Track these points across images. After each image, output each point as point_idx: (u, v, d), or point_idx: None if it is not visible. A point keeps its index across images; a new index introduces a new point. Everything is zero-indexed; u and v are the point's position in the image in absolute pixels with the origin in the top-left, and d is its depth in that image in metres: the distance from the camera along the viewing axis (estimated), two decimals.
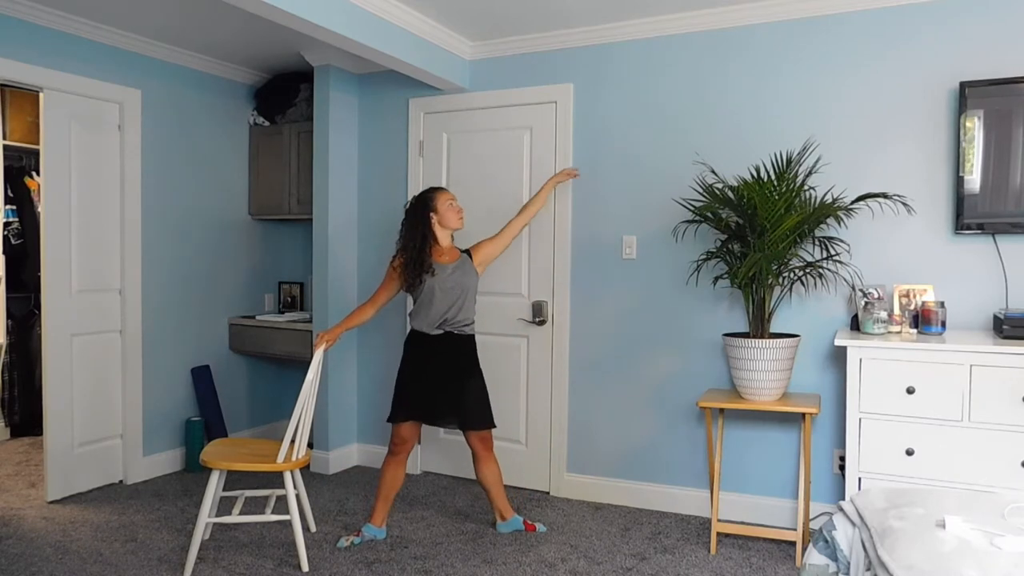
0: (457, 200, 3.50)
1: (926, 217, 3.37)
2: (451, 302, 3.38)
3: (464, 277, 3.43)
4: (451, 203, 3.45)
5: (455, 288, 3.39)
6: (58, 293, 3.94)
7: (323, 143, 4.46)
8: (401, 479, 3.47)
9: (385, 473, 3.45)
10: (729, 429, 3.74)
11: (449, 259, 3.44)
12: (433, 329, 3.39)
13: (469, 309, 3.47)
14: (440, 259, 3.42)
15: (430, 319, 3.39)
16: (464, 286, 3.42)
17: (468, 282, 3.44)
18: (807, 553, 2.24)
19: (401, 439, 3.41)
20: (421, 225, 3.41)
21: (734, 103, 3.71)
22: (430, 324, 3.39)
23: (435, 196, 3.45)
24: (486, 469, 3.50)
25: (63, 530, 3.55)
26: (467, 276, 3.45)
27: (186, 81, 4.56)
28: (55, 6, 3.70)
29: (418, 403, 3.39)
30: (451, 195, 3.49)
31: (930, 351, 2.89)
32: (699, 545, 3.45)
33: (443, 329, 3.40)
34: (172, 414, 4.55)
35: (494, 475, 3.51)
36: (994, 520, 1.98)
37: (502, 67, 4.22)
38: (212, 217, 4.78)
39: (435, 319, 3.38)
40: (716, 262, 3.55)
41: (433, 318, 3.38)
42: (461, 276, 3.42)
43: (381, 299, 3.47)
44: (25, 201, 5.21)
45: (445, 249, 3.47)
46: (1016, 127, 3.14)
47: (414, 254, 3.37)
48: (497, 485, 3.53)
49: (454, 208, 3.45)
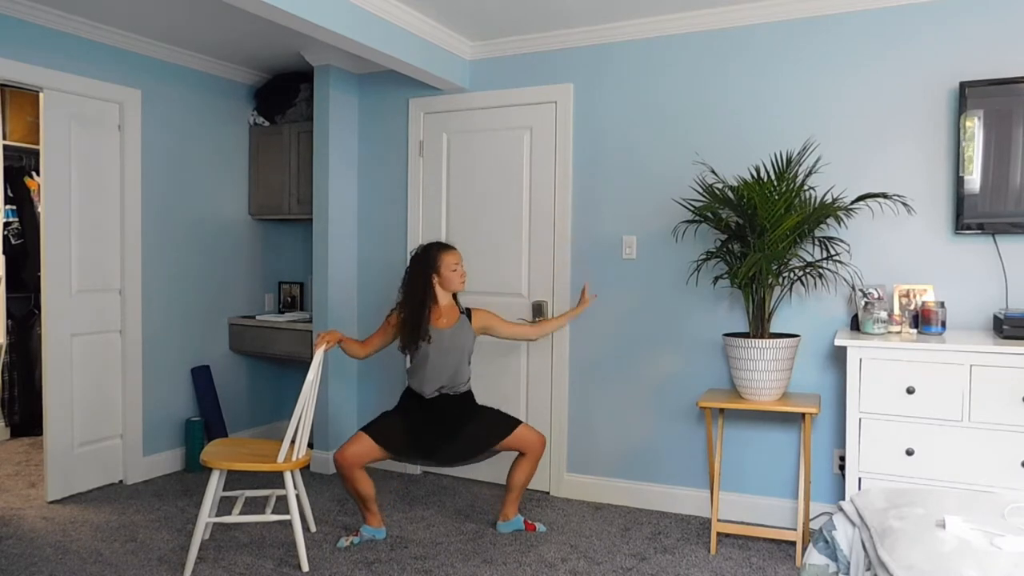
0: (463, 264, 3.49)
1: (926, 217, 3.37)
2: (447, 367, 3.40)
3: (461, 340, 3.43)
4: (455, 267, 3.42)
5: (452, 351, 3.40)
6: (58, 293, 3.94)
7: (323, 143, 4.46)
8: (368, 483, 3.36)
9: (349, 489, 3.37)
10: (729, 429, 3.74)
11: (447, 322, 3.43)
12: (430, 392, 3.41)
13: (464, 371, 3.48)
14: (437, 322, 3.42)
15: (427, 383, 3.40)
16: (460, 348, 3.43)
17: (464, 344, 3.45)
18: (807, 553, 2.24)
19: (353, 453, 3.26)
20: (422, 285, 3.40)
21: (734, 103, 3.71)
22: (426, 388, 3.41)
23: (439, 257, 3.42)
24: (523, 466, 3.46)
25: (63, 530, 3.55)
26: (464, 339, 3.45)
27: (186, 81, 4.56)
28: (55, 6, 3.70)
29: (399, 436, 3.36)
30: (456, 257, 3.46)
31: (930, 351, 2.89)
32: (699, 545, 3.45)
33: (439, 392, 3.42)
34: (172, 414, 4.55)
35: (524, 476, 3.49)
36: (994, 520, 1.98)
37: (502, 67, 4.22)
38: (212, 217, 4.78)
39: (431, 384, 3.40)
40: (716, 262, 3.55)
41: (429, 382, 3.40)
42: (458, 339, 3.42)
43: (374, 344, 3.51)
44: (25, 201, 5.21)
45: (444, 310, 3.46)
46: (1016, 127, 3.14)
47: (411, 318, 3.37)
48: (521, 487, 3.52)
49: (457, 273, 3.44)
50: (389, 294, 4.53)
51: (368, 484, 3.36)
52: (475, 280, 4.30)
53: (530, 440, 3.43)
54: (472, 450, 3.42)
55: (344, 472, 3.29)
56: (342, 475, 3.31)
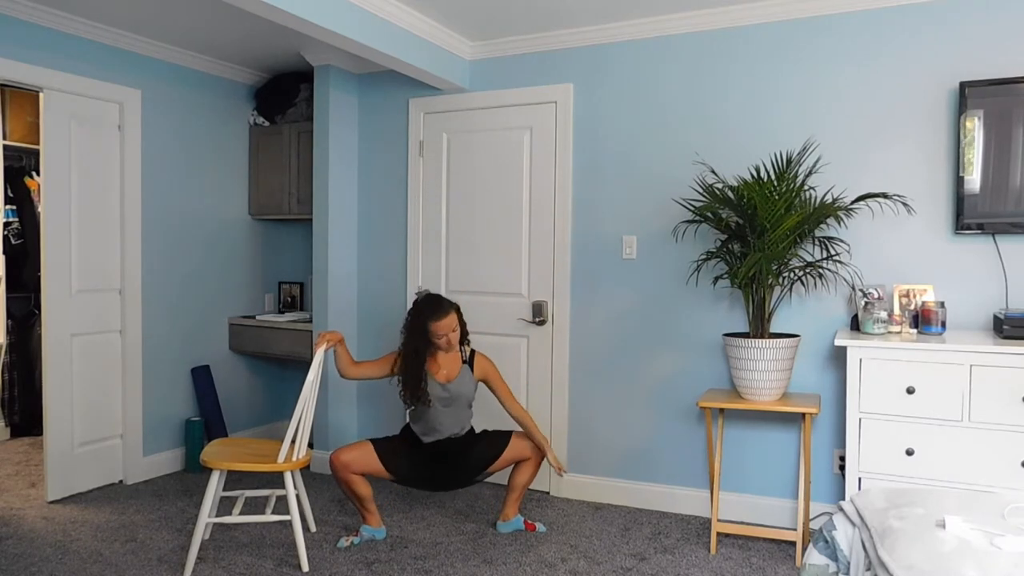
0: (451, 327, 3.34)
1: (926, 217, 3.37)
2: (448, 420, 3.41)
3: (461, 391, 3.43)
4: (440, 337, 3.32)
5: (451, 404, 3.41)
6: (58, 293, 3.94)
7: (323, 143, 4.46)
8: (365, 484, 3.37)
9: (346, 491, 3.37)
10: (729, 429, 3.74)
11: (446, 374, 3.42)
12: (430, 441, 3.43)
13: (465, 419, 3.49)
14: (437, 374, 3.41)
15: (428, 433, 3.42)
16: (460, 401, 3.43)
17: (465, 395, 3.45)
18: (807, 553, 2.24)
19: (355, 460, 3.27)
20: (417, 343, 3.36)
21: (734, 103, 3.71)
22: (427, 436, 3.43)
23: (428, 326, 3.32)
24: (524, 469, 3.48)
25: (63, 530, 3.55)
26: (464, 389, 3.44)
27: (186, 81, 4.56)
28: (55, 6, 3.70)
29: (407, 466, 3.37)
30: (443, 327, 3.31)
31: (930, 351, 2.89)
32: (699, 545, 3.45)
33: (439, 438, 3.43)
34: (172, 414, 4.55)
35: (525, 479, 3.50)
36: (994, 520, 1.98)
37: (502, 67, 4.22)
38: (212, 217, 4.78)
39: (432, 435, 3.42)
40: (716, 262, 3.55)
41: (430, 433, 3.42)
42: (458, 391, 3.42)
43: (366, 371, 3.46)
44: (25, 201, 5.21)
45: (443, 361, 3.44)
46: (1016, 127, 3.14)
47: (409, 378, 3.36)
48: (522, 488, 3.53)
49: (444, 340, 3.33)
50: (389, 294, 4.54)
51: (364, 484, 3.36)
52: (475, 281, 4.31)
53: (526, 451, 3.45)
54: (474, 473, 3.44)
55: (339, 475, 3.29)
56: (337, 477, 3.31)
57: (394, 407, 4.39)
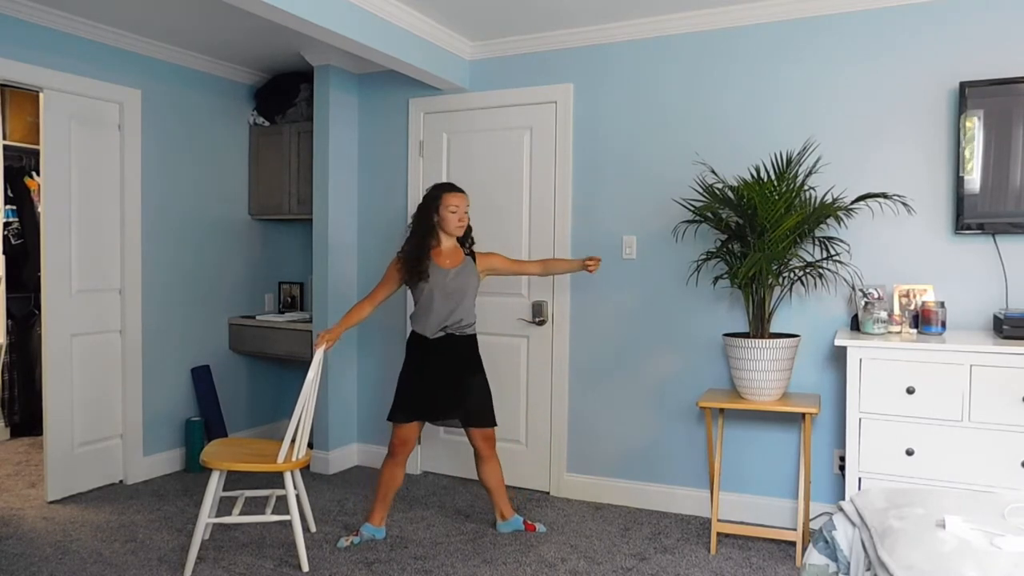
0: (465, 205, 3.40)
1: (926, 217, 3.37)
2: (450, 307, 3.37)
3: (464, 280, 3.40)
4: (454, 209, 3.36)
5: (455, 292, 3.37)
6: (58, 293, 3.94)
7: (323, 143, 4.46)
8: (400, 479, 3.46)
9: (383, 473, 3.44)
10: (729, 429, 3.74)
11: (451, 263, 3.40)
12: (434, 333, 3.39)
13: (468, 311, 3.44)
14: (441, 262, 3.39)
15: (430, 323, 3.38)
16: (463, 289, 3.40)
17: (468, 285, 3.42)
18: (807, 553, 2.24)
19: (401, 440, 3.40)
20: (424, 224, 3.39)
21: (734, 103, 3.71)
22: (430, 328, 3.38)
23: (440, 197, 3.39)
24: (489, 469, 3.50)
25: (63, 530, 3.55)
26: (467, 279, 3.42)
27: (186, 81, 4.56)
28: (55, 6, 3.70)
29: (420, 402, 3.39)
30: (458, 199, 3.38)
31: (930, 351, 2.89)
32: (699, 545, 3.45)
33: (444, 332, 3.39)
34: (172, 414, 4.55)
35: (496, 476, 3.51)
36: (994, 520, 1.98)
37: (502, 67, 4.22)
38: (212, 217, 4.78)
39: (435, 323, 3.38)
40: (716, 262, 3.55)
41: (433, 322, 3.38)
42: (462, 280, 3.39)
43: (379, 296, 3.42)
44: (25, 201, 5.21)
45: (446, 251, 3.42)
46: (1016, 127, 3.14)
47: (412, 257, 3.36)
48: (499, 486, 3.53)
49: (455, 215, 3.37)
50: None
51: (400, 480, 3.47)
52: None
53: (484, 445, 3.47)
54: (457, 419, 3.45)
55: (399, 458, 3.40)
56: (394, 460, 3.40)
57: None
